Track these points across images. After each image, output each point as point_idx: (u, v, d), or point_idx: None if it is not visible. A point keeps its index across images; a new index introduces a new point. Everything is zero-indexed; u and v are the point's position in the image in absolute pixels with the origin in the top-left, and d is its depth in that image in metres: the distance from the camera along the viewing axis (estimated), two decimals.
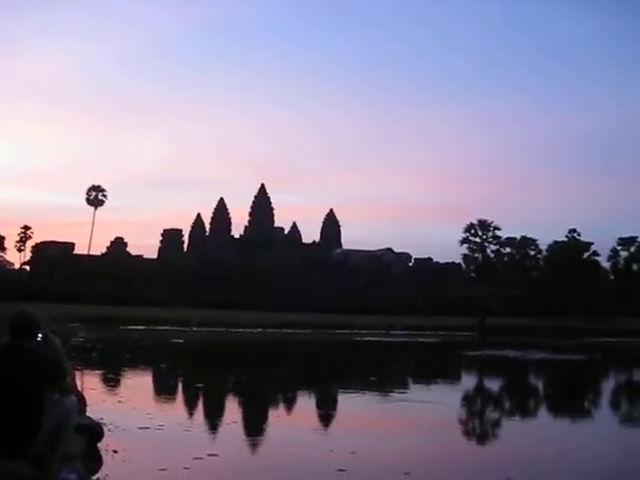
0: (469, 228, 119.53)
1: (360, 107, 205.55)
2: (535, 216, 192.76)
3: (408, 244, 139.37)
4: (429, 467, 10.02)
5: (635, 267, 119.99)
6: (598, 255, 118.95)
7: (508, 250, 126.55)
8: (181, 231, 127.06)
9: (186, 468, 8.89)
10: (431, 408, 16.44)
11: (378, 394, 19.33)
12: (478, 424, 15.31)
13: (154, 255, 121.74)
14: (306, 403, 17.30)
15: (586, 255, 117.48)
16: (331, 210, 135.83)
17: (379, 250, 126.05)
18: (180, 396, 18.64)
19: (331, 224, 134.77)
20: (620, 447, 12.52)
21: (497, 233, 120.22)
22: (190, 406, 16.48)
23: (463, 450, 11.66)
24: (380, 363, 32.40)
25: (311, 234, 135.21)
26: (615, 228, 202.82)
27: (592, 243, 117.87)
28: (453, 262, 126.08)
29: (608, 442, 13.00)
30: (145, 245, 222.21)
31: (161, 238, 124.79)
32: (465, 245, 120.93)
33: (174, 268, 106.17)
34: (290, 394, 18.57)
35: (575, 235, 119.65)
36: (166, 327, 51.99)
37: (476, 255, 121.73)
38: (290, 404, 17.06)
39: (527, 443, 12.46)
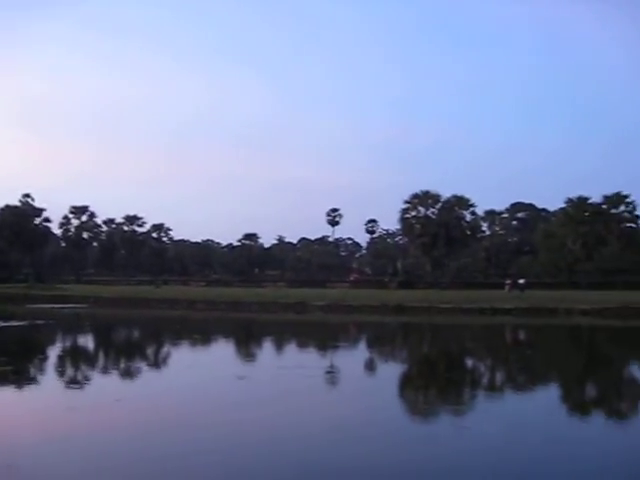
0: None
1: None
2: None
3: None
4: None
5: (85, 235, 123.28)
6: (50, 222, 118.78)
7: None
8: None
9: None
10: None
11: None
12: None
13: None
14: None
15: (38, 221, 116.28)
16: None
17: None
18: None
19: None
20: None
21: None
22: None
23: None
24: None
25: None
26: (69, 196, 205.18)
27: (44, 209, 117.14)
28: None
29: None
30: None
31: None
32: None
33: None
34: None
35: (29, 200, 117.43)
36: None
37: None
38: None
39: None
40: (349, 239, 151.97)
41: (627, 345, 30.99)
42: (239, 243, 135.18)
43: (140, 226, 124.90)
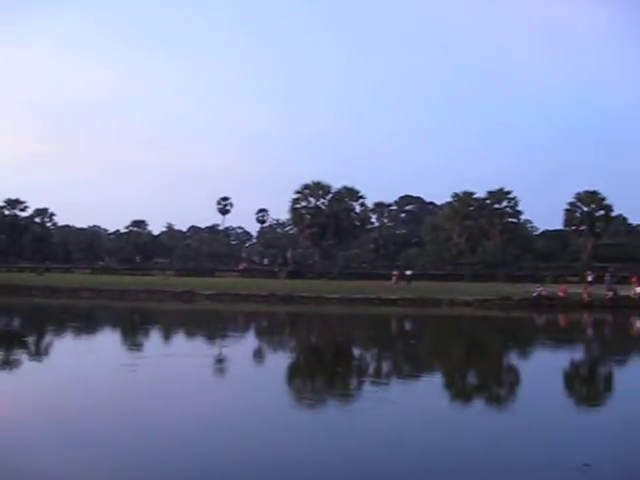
0: None
1: None
2: None
3: None
4: None
5: None
6: None
7: None
8: None
9: None
10: None
11: None
12: None
13: None
14: None
15: None
16: None
17: None
18: None
19: None
20: None
21: None
22: None
23: None
24: None
25: None
26: None
27: None
28: None
29: None
30: None
31: None
32: None
33: None
34: None
35: None
36: None
37: None
38: None
39: None
40: (239, 228, 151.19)
41: (506, 335, 32.19)
42: (127, 230, 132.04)
43: (22, 210, 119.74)
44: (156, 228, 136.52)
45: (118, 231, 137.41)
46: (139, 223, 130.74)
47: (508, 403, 15.01)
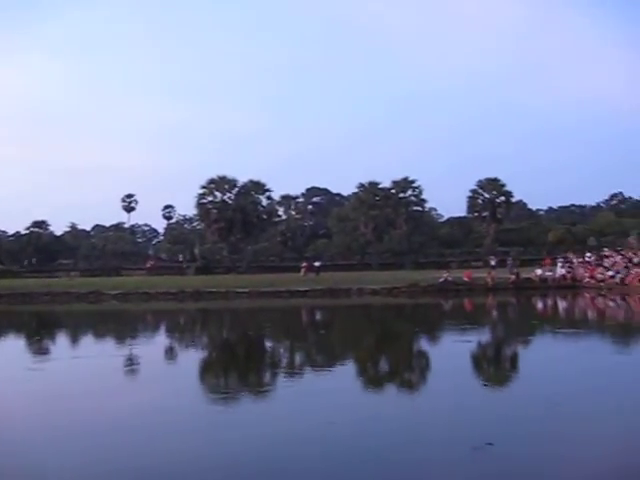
0: None
1: None
2: None
3: None
4: None
5: None
6: None
7: None
8: None
9: None
10: None
11: None
12: None
13: None
14: None
15: None
16: None
17: None
18: None
19: None
20: None
21: None
22: None
23: None
24: None
25: None
26: None
27: None
28: None
29: None
30: None
31: None
32: None
33: None
34: None
35: None
36: None
37: None
38: None
39: None
40: (146, 225, 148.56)
41: (415, 321, 32.90)
42: (27, 231, 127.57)
43: None
44: (59, 228, 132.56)
45: (18, 232, 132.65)
46: (40, 224, 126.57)
47: (414, 386, 15.39)
